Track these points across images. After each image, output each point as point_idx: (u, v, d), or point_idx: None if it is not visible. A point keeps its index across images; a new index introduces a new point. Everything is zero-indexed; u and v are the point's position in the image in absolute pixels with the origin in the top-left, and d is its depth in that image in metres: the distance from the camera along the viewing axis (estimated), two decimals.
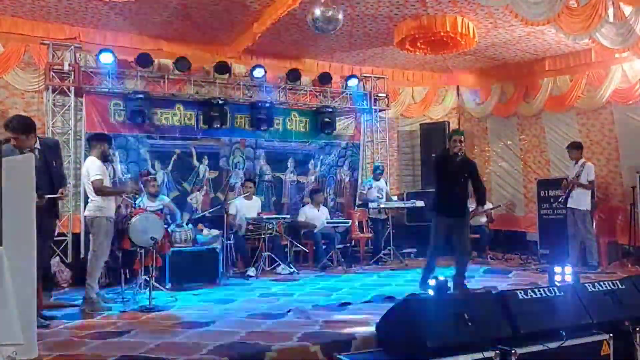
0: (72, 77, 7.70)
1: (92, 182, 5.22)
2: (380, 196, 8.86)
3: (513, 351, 3.37)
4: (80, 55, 7.90)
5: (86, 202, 5.73)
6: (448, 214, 5.88)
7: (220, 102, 8.59)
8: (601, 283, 4.18)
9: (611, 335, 3.79)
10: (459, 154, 5.87)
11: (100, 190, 5.22)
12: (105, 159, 5.56)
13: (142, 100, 8.03)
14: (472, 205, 9.16)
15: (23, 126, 4.41)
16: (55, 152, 4.84)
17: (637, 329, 3.93)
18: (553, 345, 3.52)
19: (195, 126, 8.70)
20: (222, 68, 8.56)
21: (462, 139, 5.91)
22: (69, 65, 7.67)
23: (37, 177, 4.55)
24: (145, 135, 8.32)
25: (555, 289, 3.92)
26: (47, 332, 4.14)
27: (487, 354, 3.30)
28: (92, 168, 5.30)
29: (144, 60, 8.02)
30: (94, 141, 5.56)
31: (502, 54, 9.25)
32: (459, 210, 5.93)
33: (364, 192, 9.04)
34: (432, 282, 4.28)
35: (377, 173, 9.12)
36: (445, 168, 5.92)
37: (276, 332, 4.05)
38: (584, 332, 3.77)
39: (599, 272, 7.07)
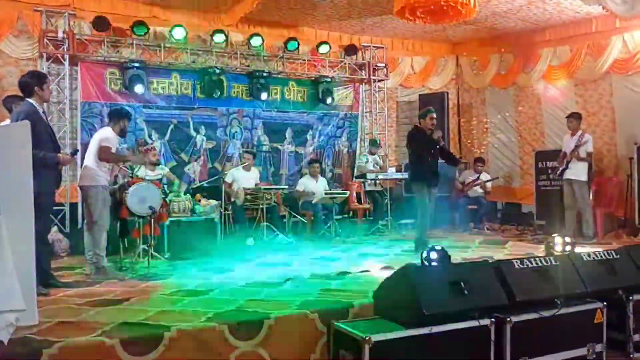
0: (67, 45, 7.59)
1: (100, 146, 5.21)
2: (376, 169, 8.87)
3: (508, 319, 3.43)
4: (74, 22, 7.78)
5: None
6: (429, 183, 6.47)
7: (217, 71, 8.50)
8: (597, 253, 4.22)
9: (605, 303, 3.85)
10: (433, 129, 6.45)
11: (106, 157, 5.21)
12: (123, 134, 5.62)
13: (138, 69, 7.95)
14: (471, 176, 9.26)
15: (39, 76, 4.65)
16: None
17: (630, 297, 3.99)
18: (548, 313, 3.58)
19: (192, 96, 8.64)
20: (219, 36, 8.44)
21: (435, 116, 6.55)
22: (63, 32, 7.55)
23: (50, 139, 4.63)
24: (142, 104, 8.26)
25: (551, 258, 3.95)
26: (47, 300, 4.18)
27: (483, 322, 3.35)
28: (106, 136, 5.31)
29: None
30: (116, 117, 5.51)
31: (502, 24, 9.14)
32: (436, 179, 6.58)
33: (363, 164, 9.05)
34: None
35: (372, 147, 9.10)
36: (424, 143, 6.42)
37: (275, 300, 4.08)
38: (578, 301, 3.83)
39: (594, 242, 7.13)
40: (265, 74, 8.92)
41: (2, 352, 2.78)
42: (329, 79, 9.52)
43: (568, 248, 4.47)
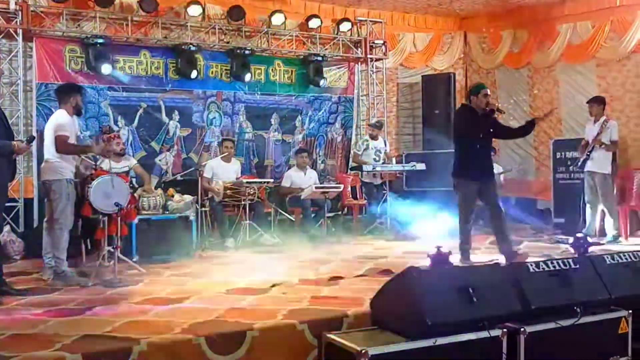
0: (20, 18, 7.52)
1: (56, 137, 5.15)
2: (378, 159, 8.79)
3: (522, 329, 3.44)
4: None
5: (40, 163, 5.68)
6: (476, 179, 5.92)
7: (192, 48, 8.45)
8: (621, 255, 4.23)
9: (630, 311, 3.88)
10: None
11: (64, 149, 5.16)
12: (79, 112, 5.56)
13: (102, 46, 7.89)
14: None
15: None
16: None
17: None
18: (566, 322, 3.59)
19: (164, 76, 8.60)
20: (195, 9, 8.38)
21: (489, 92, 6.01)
22: (16, 3, 7.47)
23: (2, 125, 4.56)
24: (107, 86, 8.20)
25: (570, 261, 3.97)
26: None
27: (494, 332, 3.36)
28: (60, 122, 5.23)
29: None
30: (64, 94, 5.46)
31: None
32: (487, 171, 6.02)
33: (359, 152, 8.98)
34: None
35: (374, 130, 9.02)
36: (475, 127, 5.89)
37: (259, 309, 4.09)
38: (600, 308, 3.85)
39: (619, 243, 7.19)
40: (247, 52, 8.88)
41: None
42: (320, 58, 9.50)
43: (589, 249, 4.49)
